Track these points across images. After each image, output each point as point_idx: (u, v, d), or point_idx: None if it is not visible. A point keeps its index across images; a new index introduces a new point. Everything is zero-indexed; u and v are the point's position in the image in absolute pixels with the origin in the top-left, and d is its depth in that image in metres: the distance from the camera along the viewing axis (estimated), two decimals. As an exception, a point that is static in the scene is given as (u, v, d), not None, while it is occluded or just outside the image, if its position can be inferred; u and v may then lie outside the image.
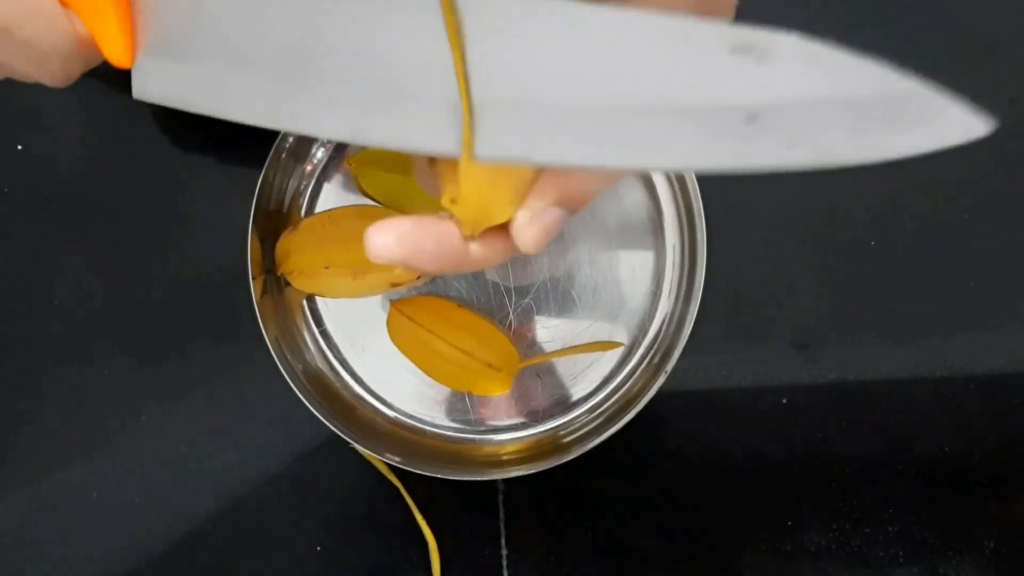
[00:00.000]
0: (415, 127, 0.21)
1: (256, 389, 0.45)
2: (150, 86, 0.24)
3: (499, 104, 0.20)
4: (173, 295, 0.45)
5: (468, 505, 0.45)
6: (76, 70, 0.25)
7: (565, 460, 0.41)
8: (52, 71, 0.25)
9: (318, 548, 0.45)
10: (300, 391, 0.41)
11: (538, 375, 0.44)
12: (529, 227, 0.23)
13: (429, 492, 0.44)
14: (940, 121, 0.17)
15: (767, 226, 0.46)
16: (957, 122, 0.17)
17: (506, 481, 0.45)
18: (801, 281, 0.46)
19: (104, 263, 0.45)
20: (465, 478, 0.42)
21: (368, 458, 0.44)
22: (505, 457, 0.44)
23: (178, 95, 0.24)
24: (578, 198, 0.23)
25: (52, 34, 0.23)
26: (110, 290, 0.45)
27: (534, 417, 0.44)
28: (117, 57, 0.24)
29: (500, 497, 0.45)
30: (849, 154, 0.17)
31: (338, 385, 0.44)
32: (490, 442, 0.44)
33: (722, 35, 0.17)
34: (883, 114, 0.17)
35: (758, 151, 0.18)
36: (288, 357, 0.42)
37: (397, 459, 0.41)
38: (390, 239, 0.22)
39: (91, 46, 0.24)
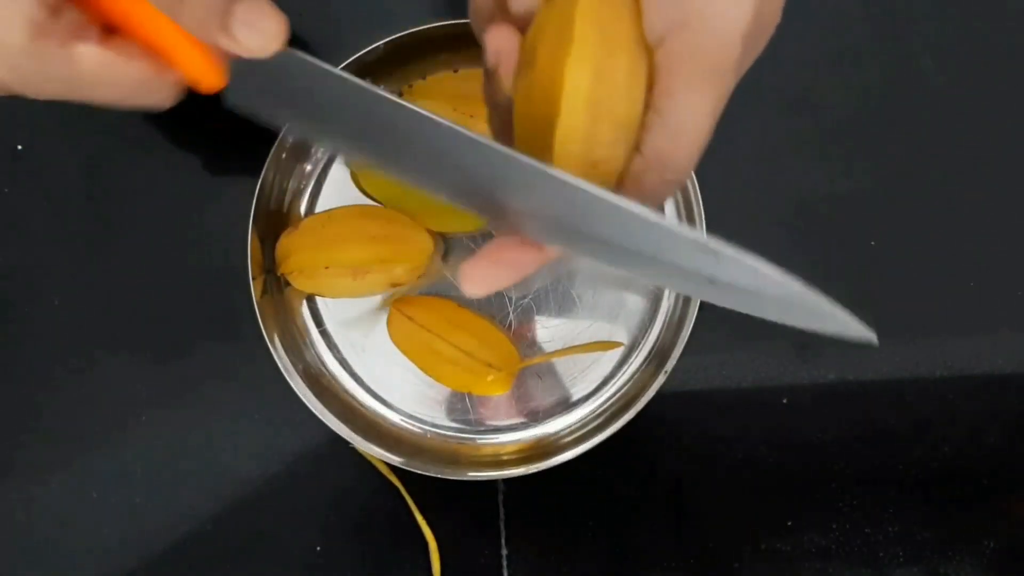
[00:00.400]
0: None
1: (256, 389, 0.44)
2: (240, 102, 0.27)
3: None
4: (173, 295, 0.45)
5: (468, 505, 0.45)
6: (171, 102, 0.27)
7: (565, 460, 0.41)
8: (150, 105, 0.27)
9: (318, 548, 0.45)
10: (300, 391, 0.41)
11: (538, 375, 0.44)
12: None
13: (429, 492, 0.44)
14: (836, 322, 0.25)
15: (767, 226, 0.46)
16: (848, 326, 0.25)
17: (506, 481, 0.45)
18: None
19: (104, 263, 0.45)
20: (465, 478, 0.42)
21: (368, 458, 0.44)
22: (505, 457, 0.44)
23: (264, 116, 0.27)
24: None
25: (153, 93, 0.26)
26: (110, 290, 0.45)
27: (534, 417, 0.44)
28: (210, 87, 0.26)
29: (500, 497, 0.45)
30: (776, 319, 0.25)
31: (338, 385, 0.44)
32: (490, 442, 0.44)
33: (696, 241, 0.24)
34: (799, 307, 0.25)
35: (716, 298, 0.25)
36: (288, 357, 0.42)
37: (397, 459, 0.42)
38: (481, 287, 0.26)
39: (186, 85, 0.27)
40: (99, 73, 0.25)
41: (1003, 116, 0.46)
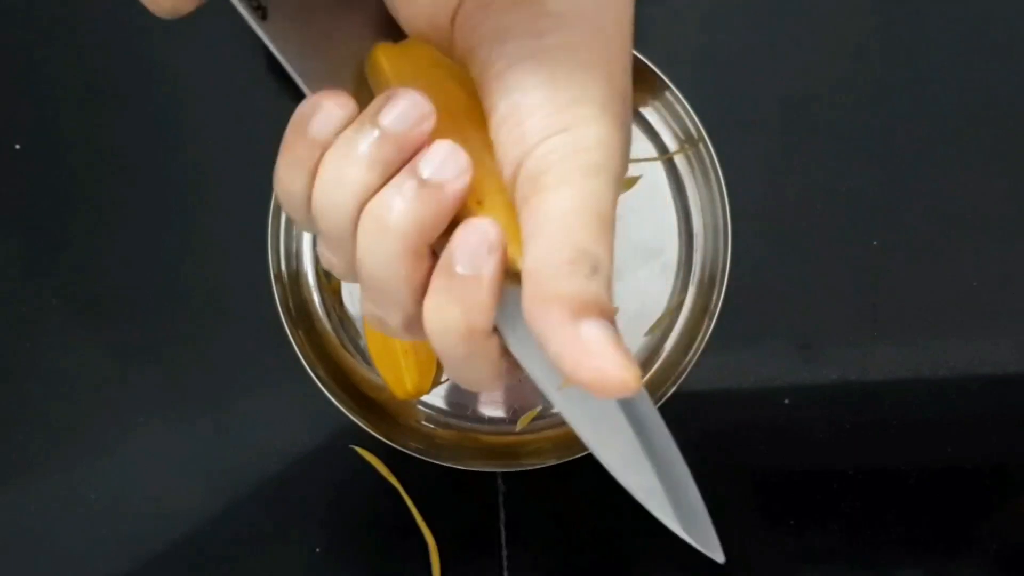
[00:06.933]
0: None
1: (256, 390, 0.44)
2: None
3: None
4: (172, 295, 0.45)
5: (468, 505, 0.45)
6: None
7: (565, 460, 0.41)
8: None
9: (318, 548, 0.45)
10: (320, 381, 0.40)
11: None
12: None
13: (429, 492, 0.44)
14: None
15: (766, 225, 0.46)
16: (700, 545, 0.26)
17: (506, 481, 0.45)
18: (801, 281, 0.46)
19: (104, 263, 0.45)
20: (472, 469, 0.42)
21: (368, 458, 0.44)
22: (511, 449, 0.44)
23: None
24: None
25: None
26: (111, 290, 0.45)
27: (545, 410, 0.44)
28: None
29: (500, 497, 0.45)
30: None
31: (356, 376, 0.44)
32: (497, 433, 0.44)
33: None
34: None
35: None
36: (310, 351, 0.42)
37: (416, 450, 0.41)
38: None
39: None
40: None
41: (1006, 115, 0.46)
